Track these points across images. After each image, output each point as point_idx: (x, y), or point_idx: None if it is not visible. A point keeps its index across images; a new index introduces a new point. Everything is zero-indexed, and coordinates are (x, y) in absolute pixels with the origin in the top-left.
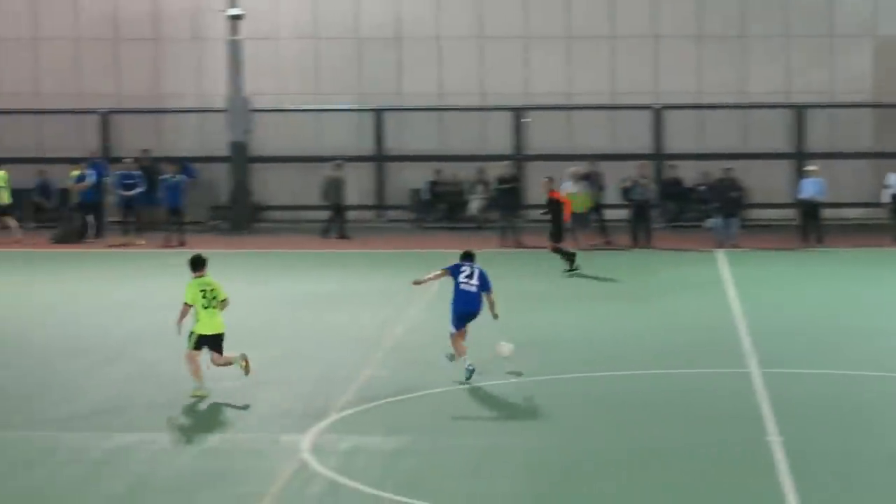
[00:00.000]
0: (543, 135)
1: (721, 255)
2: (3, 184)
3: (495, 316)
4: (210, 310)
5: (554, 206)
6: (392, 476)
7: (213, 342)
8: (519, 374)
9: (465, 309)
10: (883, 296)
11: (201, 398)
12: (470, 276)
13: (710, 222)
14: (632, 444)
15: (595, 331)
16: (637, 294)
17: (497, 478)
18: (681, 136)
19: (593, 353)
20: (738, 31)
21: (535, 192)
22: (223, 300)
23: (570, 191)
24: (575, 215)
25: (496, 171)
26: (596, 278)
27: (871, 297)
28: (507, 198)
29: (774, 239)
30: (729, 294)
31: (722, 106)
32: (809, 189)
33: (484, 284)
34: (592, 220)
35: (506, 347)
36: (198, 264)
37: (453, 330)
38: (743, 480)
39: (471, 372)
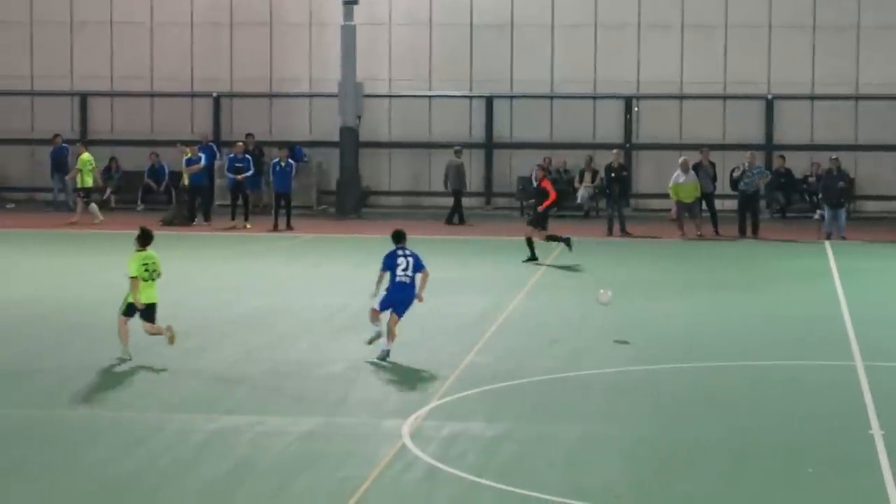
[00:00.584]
0: (653, 124)
1: (829, 247)
2: (88, 166)
3: (420, 299)
4: (149, 282)
5: (540, 194)
6: (491, 463)
7: (146, 312)
8: (622, 363)
9: (399, 297)
10: None
11: (122, 361)
12: (406, 269)
13: (820, 213)
14: (732, 436)
15: (700, 321)
16: (743, 284)
17: (595, 467)
18: (792, 126)
19: (698, 343)
20: (852, 22)
21: (645, 181)
22: (159, 274)
23: (680, 181)
24: (683, 205)
25: (605, 159)
26: (703, 268)
27: None
28: (617, 186)
29: (885, 231)
30: (835, 286)
31: (834, 97)
32: None
33: (417, 266)
34: (701, 210)
35: (605, 295)
36: (145, 240)
37: (376, 307)
38: (844, 474)
39: (385, 353)
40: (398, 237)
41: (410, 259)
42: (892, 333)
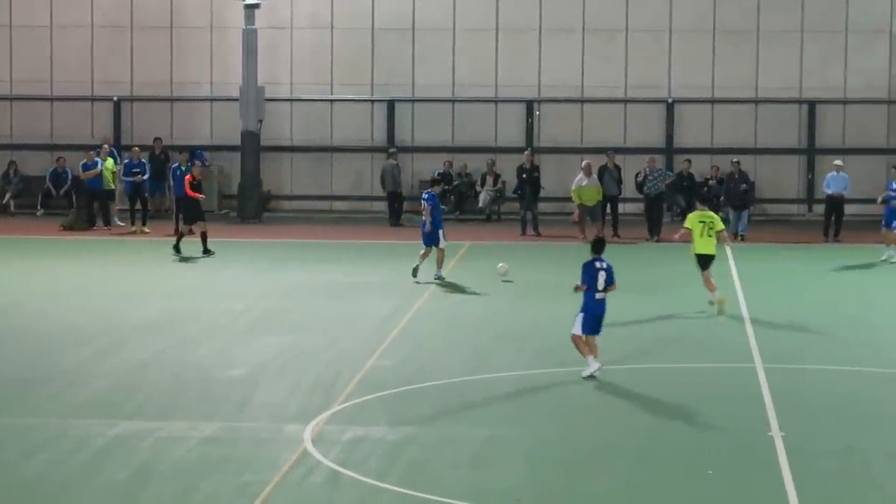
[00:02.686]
0: (555, 127)
1: (728, 250)
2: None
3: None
4: None
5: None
6: (393, 467)
7: None
8: (526, 366)
9: (599, 314)
10: (891, 291)
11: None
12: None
13: (721, 216)
14: (634, 438)
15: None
16: (646, 287)
17: (498, 469)
18: (692, 130)
19: (600, 345)
20: (752, 26)
21: (547, 184)
22: None
23: (583, 184)
24: (585, 208)
25: (507, 163)
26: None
27: (880, 292)
28: (529, 188)
29: (783, 233)
30: (736, 288)
31: (734, 101)
32: (835, 184)
33: (609, 280)
34: (604, 214)
35: (502, 268)
36: None
37: (579, 332)
38: (744, 475)
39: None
40: (597, 246)
41: (604, 273)
42: (791, 335)
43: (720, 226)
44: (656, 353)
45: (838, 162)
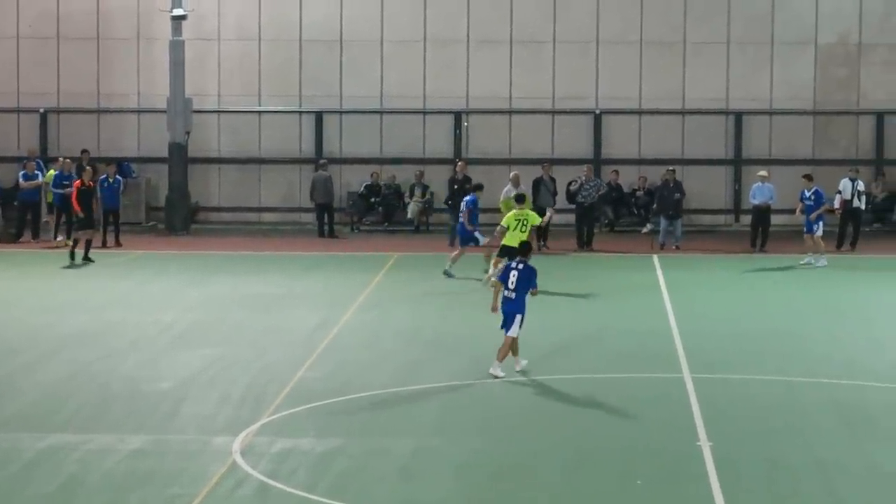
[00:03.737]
0: (483, 138)
1: (659, 260)
2: None
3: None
4: None
5: None
6: (322, 479)
7: None
8: (452, 378)
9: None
10: (817, 302)
11: None
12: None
13: (650, 227)
14: (563, 449)
15: (532, 334)
16: (575, 298)
17: (427, 481)
18: (620, 141)
19: (529, 356)
20: (679, 38)
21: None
22: None
23: (510, 195)
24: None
25: (436, 174)
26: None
27: (807, 303)
28: (459, 198)
29: (711, 244)
30: (664, 298)
31: (661, 112)
32: (761, 195)
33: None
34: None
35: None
36: None
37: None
38: (673, 485)
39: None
40: (519, 250)
41: (515, 273)
42: (719, 346)
43: (536, 221)
44: (585, 364)
45: (763, 173)
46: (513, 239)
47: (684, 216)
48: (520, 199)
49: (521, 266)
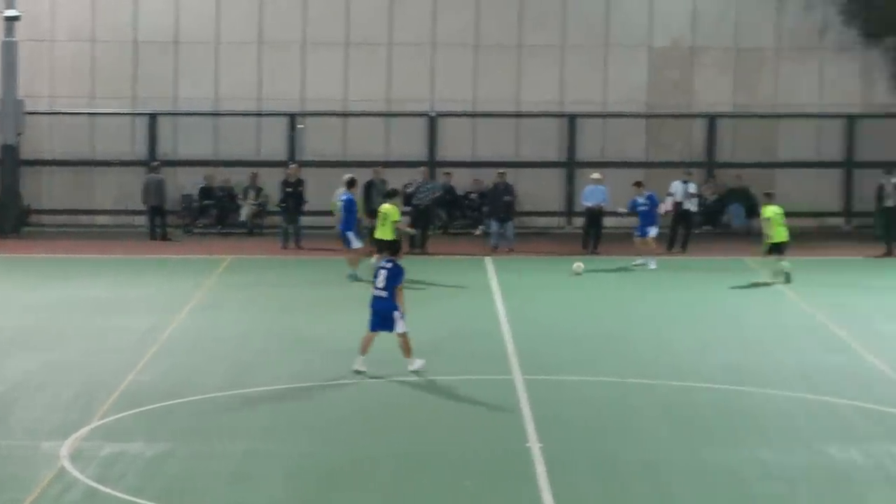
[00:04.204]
0: (318, 140)
1: (491, 262)
2: None
3: None
4: None
5: None
6: (152, 483)
7: None
8: (284, 381)
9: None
10: (648, 304)
11: None
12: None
13: (482, 229)
14: (394, 451)
15: (361, 335)
16: (405, 299)
17: (258, 484)
18: (454, 143)
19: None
20: (514, 41)
21: (310, 197)
22: None
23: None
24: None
25: (270, 176)
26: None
27: (638, 305)
28: (293, 201)
29: (545, 246)
30: (496, 301)
31: (496, 114)
32: (593, 197)
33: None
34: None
35: (579, 267)
36: None
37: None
38: (502, 486)
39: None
40: (389, 247)
41: (384, 272)
42: (549, 347)
43: (396, 217)
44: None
45: (596, 175)
46: (382, 232)
47: (517, 218)
48: (390, 194)
49: (389, 265)
